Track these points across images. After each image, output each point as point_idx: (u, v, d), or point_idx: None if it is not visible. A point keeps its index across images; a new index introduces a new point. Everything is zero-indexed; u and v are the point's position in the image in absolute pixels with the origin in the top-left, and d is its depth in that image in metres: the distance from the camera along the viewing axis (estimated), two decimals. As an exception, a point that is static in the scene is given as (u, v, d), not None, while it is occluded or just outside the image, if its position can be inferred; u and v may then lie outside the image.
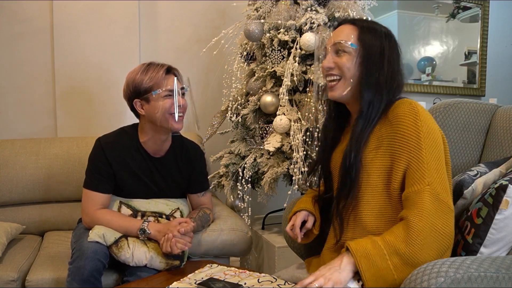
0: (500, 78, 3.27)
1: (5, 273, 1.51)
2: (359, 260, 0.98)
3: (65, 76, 2.30)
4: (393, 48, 1.16)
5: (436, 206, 1.00)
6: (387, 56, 1.13)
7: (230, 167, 2.08)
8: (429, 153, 1.04)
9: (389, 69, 1.13)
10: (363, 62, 1.13)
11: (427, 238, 0.97)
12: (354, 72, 1.14)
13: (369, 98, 1.12)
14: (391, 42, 1.16)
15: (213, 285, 1.22)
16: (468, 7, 3.15)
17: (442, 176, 1.04)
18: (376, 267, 0.97)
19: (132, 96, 1.52)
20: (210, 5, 2.56)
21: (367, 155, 1.11)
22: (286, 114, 1.89)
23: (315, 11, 1.90)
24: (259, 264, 2.22)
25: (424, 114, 1.08)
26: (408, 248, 0.97)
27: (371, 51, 1.13)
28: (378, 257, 0.98)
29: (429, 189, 1.01)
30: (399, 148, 1.07)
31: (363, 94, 1.12)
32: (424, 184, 1.02)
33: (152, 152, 1.58)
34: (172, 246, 1.39)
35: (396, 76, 1.15)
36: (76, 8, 2.27)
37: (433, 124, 1.09)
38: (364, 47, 1.14)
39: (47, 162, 1.98)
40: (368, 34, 1.15)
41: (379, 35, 1.15)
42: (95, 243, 1.40)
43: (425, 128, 1.05)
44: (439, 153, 1.06)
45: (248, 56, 2.14)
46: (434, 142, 1.06)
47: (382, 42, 1.14)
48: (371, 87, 1.12)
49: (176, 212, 1.60)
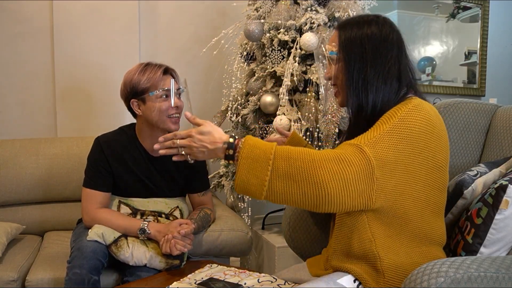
0: (500, 78, 3.27)
1: (5, 273, 1.51)
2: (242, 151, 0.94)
3: (65, 76, 2.30)
4: (383, 37, 1.05)
5: (355, 155, 0.92)
6: (371, 52, 1.04)
7: (230, 167, 2.08)
8: (389, 131, 0.96)
9: (376, 65, 1.04)
10: (345, 68, 1.07)
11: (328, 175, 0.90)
12: (341, 79, 1.09)
13: (352, 101, 1.06)
14: (378, 30, 1.05)
15: (213, 285, 1.22)
16: (468, 7, 3.15)
17: (380, 151, 0.93)
18: (253, 170, 0.92)
19: (129, 96, 1.53)
20: (210, 5, 2.56)
21: None
22: (286, 114, 1.89)
23: (315, 11, 1.90)
24: (259, 264, 2.22)
25: (418, 107, 1.00)
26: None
27: (350, 54, 1.06)
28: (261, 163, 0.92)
29: (355, 142, 0.95)
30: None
31: (348, 99, 1.07)
32: (356, 140, 0.96)
33: (150, 151, 1.58)
34: (172, 247, 1.39)
35: (389, 69, 1.04)
36: (76, 8, 2.27)
37: (421, 119, 0.98)
38: (343, 52, 1.07)
39: (47, 162, 1.98)
40: (346, 36, 1.07)
41: (360, 31, 1.06)
42: (94, 242, 1.40)
43: (404, 114, 0.97)
44: (399, 142, 0.96)
45: (248, 56, 2.14)
46: (405, 130, 0.96)
47: (363, 38, 1.05)
48: (356, 91, 1.05)
49: (176, 210, 1.60)
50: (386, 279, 1.01)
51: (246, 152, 0.93)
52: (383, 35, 1.05)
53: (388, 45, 1.05)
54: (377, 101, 1.04)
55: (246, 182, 0.93)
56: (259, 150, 0.93)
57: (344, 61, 1.07)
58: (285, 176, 0.91)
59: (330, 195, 0.91)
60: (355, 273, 1.04)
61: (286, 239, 1.54)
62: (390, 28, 1.07)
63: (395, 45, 1.06)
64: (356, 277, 1.04)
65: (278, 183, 0.92)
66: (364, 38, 1.05)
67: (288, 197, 0.93)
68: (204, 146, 0.98)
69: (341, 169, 0.91)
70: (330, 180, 0.90)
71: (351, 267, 1.04)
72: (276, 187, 0.92)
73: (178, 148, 1.01)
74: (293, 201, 0.93)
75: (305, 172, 0.91)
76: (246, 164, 0.93)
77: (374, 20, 1.08)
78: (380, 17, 1.09)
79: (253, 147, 0.94)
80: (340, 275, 1.05)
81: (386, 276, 1.01)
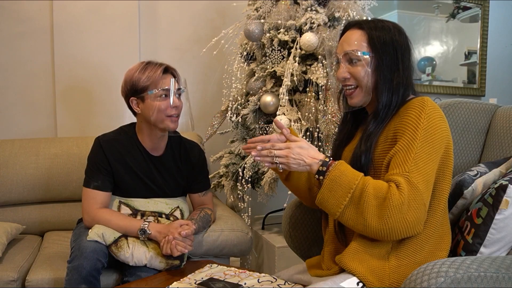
0: (500, 78, 3.27)
1: (5, 273, 1.51)
2: (329, 177, 1.03)
3: (65, 76, 2.30)
4: (405, 44, 1.14)
5: (411, 195, 0.98)
6: (400, 56, 1.12)
7: (230, 167, 2.08)
8: (422, 145, 1.02)
9: (403, 68, 1.12)
10: (378, 68, 1.12)
11: (393, 217, 0.98)
12: (369, 79, 1.13)
13: (385, 100, 1.11)
14: (401, 37, 1.13)
15: (213, 285, 1.22)
16: (468, 7, 3.15)
17: (426, 172, 1.01)
18: (335, 192, 1.03)
19: (129, 94, 1.53)
20: (210, 5, 2.56)
21: (375, 151, 1.11)
22: (286, 114, 1.89)
23: (315, 11, 1.90)
24: (259, 264, 2.22)
25: (431, 109, 1.06)
26: (375, 211, 0.99)
27: (384, 55, 1.11)
28: (343, 188, 1.02)
29: (407, 176, 1.00)
30: (398, 136, 1.06)
31: (380, 98, 1.12)
32: (404, 170, 1.01)
33: (150, 150, 1.59)
34: (172, 248, 1.39)
35: (410, 72, 1.14)
36: (76, 7, 2.27)
37: (438, 121, 1.06)
38: (376, 53, 1.12)
39: (47, 162, 1.97)
40: (378, 38, 1.12)
41: (389, 35, 1.12)
42: (94, 242, 1.40)
43: (427, 122, 1.04)
44: (433, 150, 1.03)
45: (248, 56, 2.13)
46: (431, 138, 1.04)
47: (394, 42, 1.12)
48: (388, 91, 1.11)
49: (176, 211, 1.60)
50: (391, 280, 1.03)
51: (334, 175, 1.04)
52: (405, 42, 1.14)
53: (408, 52, 1.14)
54: (399, 99, 1.12)
55: (325, 200, 1.05)
56: (346, 177, 1.03)
57: (377, 63, 1.12)
58: (358, 206, 1.01)
59: (393, 231, 1.00)
60: (360, 275, 1.04)
61: (286, 239, 1.54)
62: (406, 36, 1.16)
63: (410, 51, 1.15)
64: (361, 279, 1.04)
65: (351, 210, 1.02)
66: (394, 37, 1.13)
67: (355, 224, 1.03)
68: (302, 159, 1.08)
69: (404, 211, 0.98)
70: (396, 221, 0.99)
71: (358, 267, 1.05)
72: (349, 213, 1.02)
73: (272, 157, 1.10)
74: (357, 228, 1.03)
75: (375, 209, 1.00)
76: (330, 185, 1.04)
77: (396, 27, 1.16)
78: (396, 24, 1.17)
79: (342, 173, 1.04)
80: (343, 277, 1.05)
81: (391, 278, 1.04)
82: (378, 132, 1.11)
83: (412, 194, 0.98)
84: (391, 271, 1.04)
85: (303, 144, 1.10)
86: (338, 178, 1.03)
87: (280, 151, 1.08)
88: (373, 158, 1.10)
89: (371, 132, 1.11)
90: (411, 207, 0.98)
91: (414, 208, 0.98)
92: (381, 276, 1.04)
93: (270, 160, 1.10)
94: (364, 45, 1.12)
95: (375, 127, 1.12)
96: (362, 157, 1.10)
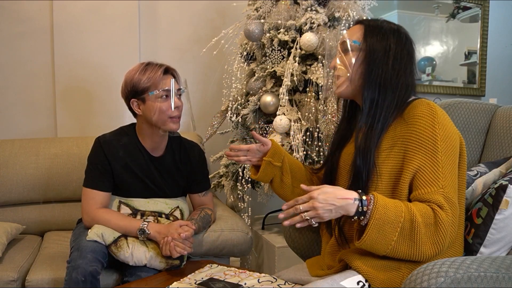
0: (500, 78, 3.27)
1: (5, 273, 1.51)
2: (371, 225, 0.97)
3: (65, 76, 2.30)
4: (402, 46, 1.13)
5: (454, 212, 0.99)
6: (392, 54, 1.11)
7: (230, 167, 2.08)
8: (445, 157, 1.02)
9: (394, 67, 1.10)
10: (366, 59, 1.12)
11: (446, 240, 0.98)
12: (357, 69, 1.13)
13: (371, 96, 1.10)
14: (399, 39, 1.13)
15: (213, 285, 1.22)
16: (468, 7, 3.15)
17: (455, 182, 1.03)
18: (383, 231, 0.97)
19: (129, 95, 1.53)
20: (210, 5, 2.56)
21: (379, 155, 1.09)
22: (286, 114, 1.89)
23: (315, 11, 1.90)
24: (259, 264, 2.22)
25: (442, 116, 1.06)
26: (424, 237, 0.97)
27: (374, 48, 1.12)
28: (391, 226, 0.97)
29: (443, 192, 0.99)
30: (414, 149, 1.04)
31: (364, 91, 1.11)
32: (438, 187, 1.00)
33: (150, 150, 1.58)
34: (171, 250, 1.39)
35: (404, 75, 1.12)
36: (76, 8, 2.27)
37: (451, 127, 1.06)
38: (367, 43, 1.13)
39: (47, 162, 1.97)
40: (373, 32, 1.13)
41: (385, 33, 1.13)
42: (94, 242, 1.40)
43: (443, 131, 1.03)
44: (455, 158, 1.05)
45: (248, 56, 2.13)
46: (451, 146, 1.04)
47: (389, 39, 1.12)
48: (373, 85, 1.10)
49: (176, 211, 1.60)
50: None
51: (379, 214, 0.97)
52: (405, 47, 1.13)
53: (407, 54, 1.13)
54: (388, 99, 1.10)
55: (374, 241, 0.98)
56: (390, 212, 0.97)
57: (365, 54, 1.12)
58: (410, 238, 0.97)
59: (443, 251, 0.99)
60: (364, 272, 1.04)
61: (286, 239, 1.54)
62: (409, 42, 1.15)
63: (411, 55, 1.15)
64: (366, 276, 1.04)
65: (403, 244, 0.98)
66: (390, 36, 1.12)
67: (407, 255, 0.99)
68: (331, 204, 0.99)
69: (452, 229, 0.99)
70: (448, 242, 0.98)
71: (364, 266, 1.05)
72: (400, 247, 0.98)
73: (301, 215, 1.01)
74: (409, 258, 0.99)
75: (428, 237, 0.97)
76: (378, 225, 0.97)
77: (399, 30, 1.15)
78: (401, 27, 1.16)
79: (385, 208, 0.98)
80: (343, 276, 1.05)
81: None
82: (377, 132, 1.09)
83: (454, 210, 0.99)
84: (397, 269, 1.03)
85: (326, 189, 1.01)
86: (384, 216, 0.97)
87: (305, 205, 1.00)
88: (376, 162, 1.08)
89: (367, 131, 1.10)
90: (454, 223, 0.99)
91: (455, 223, 1.00)
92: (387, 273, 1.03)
93: (300, 219, 1.01)
94: (358, 35, 1.15)
95: (368, 126, 1.10)
96: (361, 158, 1.09)
